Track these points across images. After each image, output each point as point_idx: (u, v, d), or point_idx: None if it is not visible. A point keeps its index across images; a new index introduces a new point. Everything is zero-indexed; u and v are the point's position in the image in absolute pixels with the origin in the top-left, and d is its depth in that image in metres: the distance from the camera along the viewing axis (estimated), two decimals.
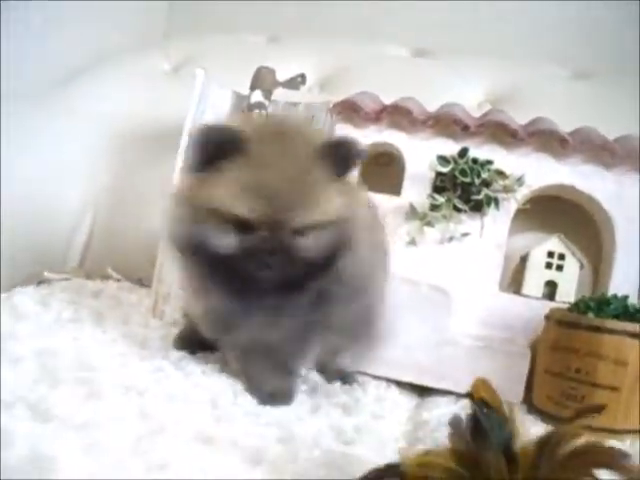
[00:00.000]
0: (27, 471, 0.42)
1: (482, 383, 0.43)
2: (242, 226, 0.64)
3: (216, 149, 0.65)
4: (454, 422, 0.42)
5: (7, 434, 0.46)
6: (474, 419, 0.41)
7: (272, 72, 1.09)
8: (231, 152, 0.65)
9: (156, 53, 1.31)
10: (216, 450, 0.54)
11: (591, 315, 0.91)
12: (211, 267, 0.68)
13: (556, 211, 1.11)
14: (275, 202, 0.64)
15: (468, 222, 1.02)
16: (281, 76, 1.14)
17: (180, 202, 0.69)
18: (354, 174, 0.77)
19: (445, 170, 1.00)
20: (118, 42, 1.28)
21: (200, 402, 0.68)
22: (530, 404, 0.95)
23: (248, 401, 0.73)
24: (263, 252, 0.64)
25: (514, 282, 1.10)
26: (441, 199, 1.00)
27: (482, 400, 0.41)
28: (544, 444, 0.40)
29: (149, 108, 1.19)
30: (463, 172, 1.00)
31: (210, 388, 0.74)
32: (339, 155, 0.68)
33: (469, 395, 0.42)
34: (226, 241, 0.65)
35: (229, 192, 0.64)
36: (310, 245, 0.66)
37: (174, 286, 0.99)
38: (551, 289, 1.05)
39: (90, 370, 0.71)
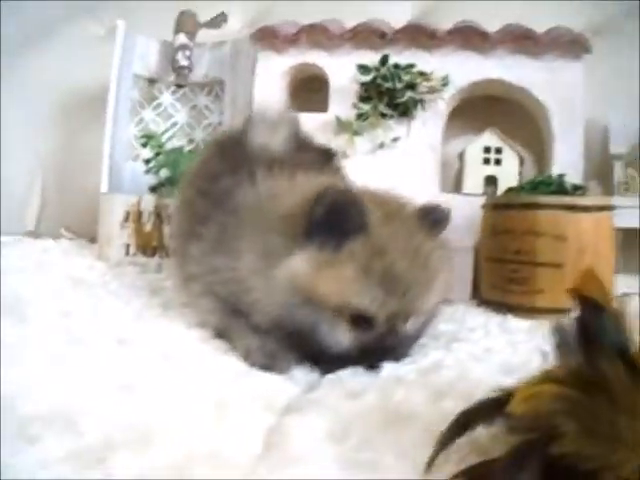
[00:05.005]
0: None
1: (589, 276, 0.32)
2: (360, 321, 0.52)
3: (340, 225, 0.52)
4: (558, 331, 0.32)
5: None
6: (582, 323, 0.31)
7: (193, 15, 1.07)
8: (354, 230, 0.52)
9: (90, 19, 1.31)
10: None
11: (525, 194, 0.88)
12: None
13: (494, 111, 1.05)
14: (404, 295, 0.52)
15: (397, 128, 0.97)
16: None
17: (294, 287, 0.53)
18: None
19: (367, 79, 0.96)
20: (53, 12, 1.28)
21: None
22: (480, 299, 0.91)
23: None
24: (380, 349, 0.54)
25: (457, 183, 1.05)
26: (366, 107, 0.96)
27: (589, 298, 0.31)
28: None
29: (87, 73, 1.18)
30: (385, 78, 0.95)
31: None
32: (435, 221, 0.57)
33: (572, 293, 0.31)
34: (339, 337, 0.53)
35: (351, 282, 0.51)
36: (413, 328, 0.56)
37: (115, 228, 0.98)
38: (493, 185, 1.00)
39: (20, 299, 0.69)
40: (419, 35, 0.99)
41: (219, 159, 0.71)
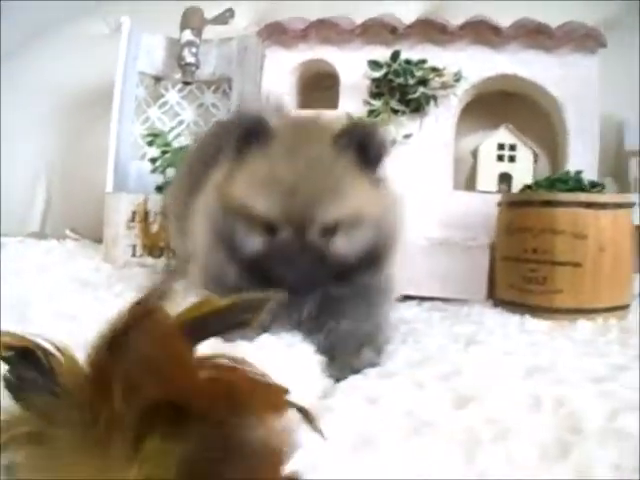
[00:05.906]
0: None
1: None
2: (267, 226, 0.56)
3: (245, 136, 0.58)
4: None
5: None
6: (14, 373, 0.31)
7: (199, 11, 1.05)
8: (258, 142, 0.57)
9: (95, 18, 1.28)
10: None
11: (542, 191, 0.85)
12: (240, 265, 0.59)
13: (507, 107, 1.03)
14: (296, 198, 0.55)
15: (409, 124, 0.94)
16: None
17: (213, 196, 0.61)
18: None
19: (378, 75, 0.94)
20: (56, 12, 1.26)
21: None
22: (496, 298, 0.89)
23: None
24: (288, 253, 0.55)
25: (471, 180, 1.03)
26: (377, 103, 0.94)
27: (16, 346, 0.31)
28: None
29: (92, 72, 1.16)
30: (396, 74, 0.93)
31: None
32: (359, 143, 0.57)
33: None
34: (252, 242, 0.57)
35: (249, 188, 0.56)
36: (343, 245, 0.57)
37: (121, 228, 0.95)
38: (506, 182, 0.98)
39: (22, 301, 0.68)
40: (431, 30, 0.97)
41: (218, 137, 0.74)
